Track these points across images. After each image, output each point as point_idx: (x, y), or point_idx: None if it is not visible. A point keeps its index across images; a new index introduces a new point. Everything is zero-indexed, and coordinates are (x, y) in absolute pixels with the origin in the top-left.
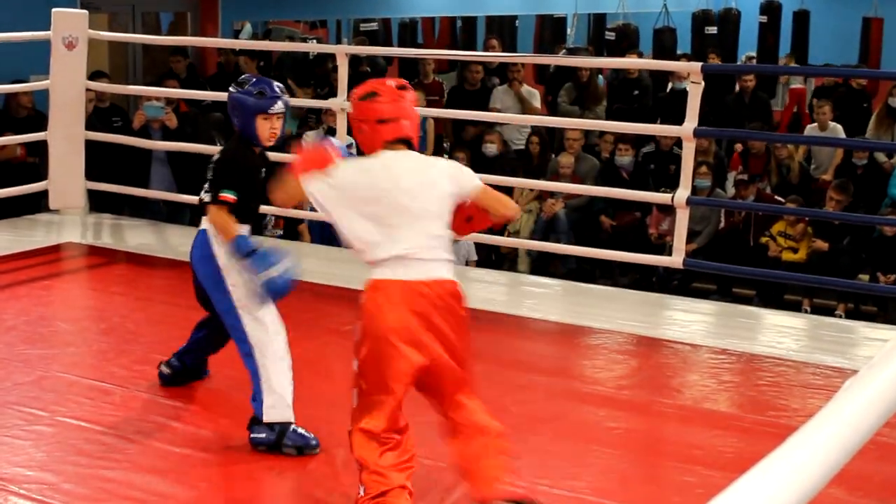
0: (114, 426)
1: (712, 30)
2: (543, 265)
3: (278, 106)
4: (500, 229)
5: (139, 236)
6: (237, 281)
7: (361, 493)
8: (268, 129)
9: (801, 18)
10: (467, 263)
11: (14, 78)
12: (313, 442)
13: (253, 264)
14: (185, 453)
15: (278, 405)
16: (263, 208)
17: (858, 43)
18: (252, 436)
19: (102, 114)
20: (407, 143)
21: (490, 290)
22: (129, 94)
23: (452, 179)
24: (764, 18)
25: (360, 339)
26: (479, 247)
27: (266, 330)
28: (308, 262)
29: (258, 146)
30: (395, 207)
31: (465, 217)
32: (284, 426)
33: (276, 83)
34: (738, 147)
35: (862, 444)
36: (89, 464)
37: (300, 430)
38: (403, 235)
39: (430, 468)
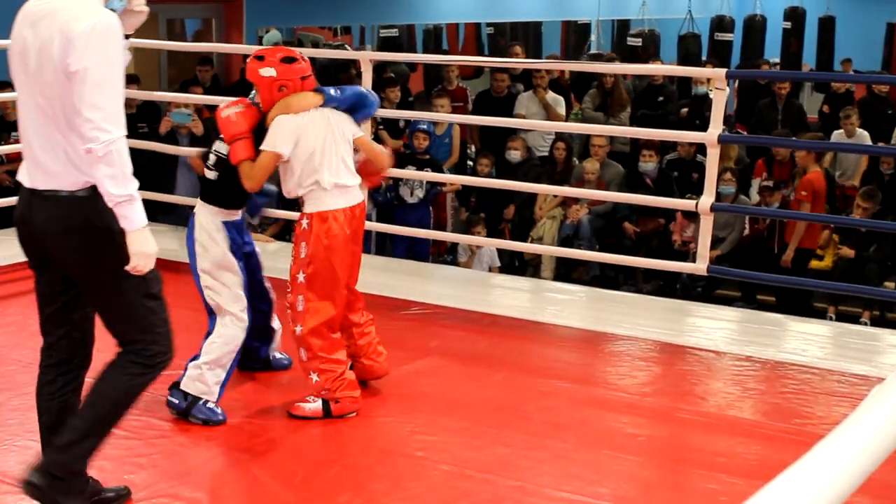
0: (137, 430)
1: (726, 36)
2: (567, 272)
3: None
4: (522, 236)
5: (165, 241)
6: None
7: (315, 379)
8: None
9: (827, 24)
10: (490, 270)
11: None
12: (220, 417)
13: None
14: (205, 456)
15: (202, 380)
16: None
17: (882, 48)
18: (168, 398)
19: (129, 119)
20: None
21: (513, 297)
22: (154, 99)
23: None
24: (788, 24)
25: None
26: (503, 253)
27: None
28: None
29: None
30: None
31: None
32: (196, 399)
33: None
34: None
35: (888, 452)
36: (113, 468)
37: (210, 405)
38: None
39: (452, 475)
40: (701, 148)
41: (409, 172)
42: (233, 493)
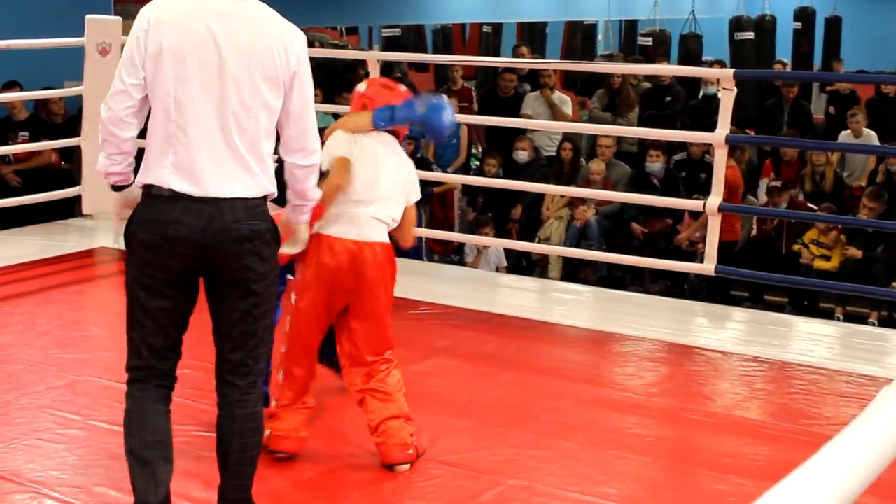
0: None
1: (744, 35)
2: (574, 272)
3: None
4: (530, 236)
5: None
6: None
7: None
8: None
9: (834, 24)
10: (497, 270)
11: (46, 84)
12: None
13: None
14: (214, 456)
15: None
16: None
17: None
18: None
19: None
20: None
21: (521, 297)
22: None
23: None
24: (798, 25)
25: None
26: (510, 253)
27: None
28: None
29: None
30: None
31: None
32: None
33: None
34: (785, 153)
35: None
36: (122, 467)
37: None
38: None
39: (459, 474)
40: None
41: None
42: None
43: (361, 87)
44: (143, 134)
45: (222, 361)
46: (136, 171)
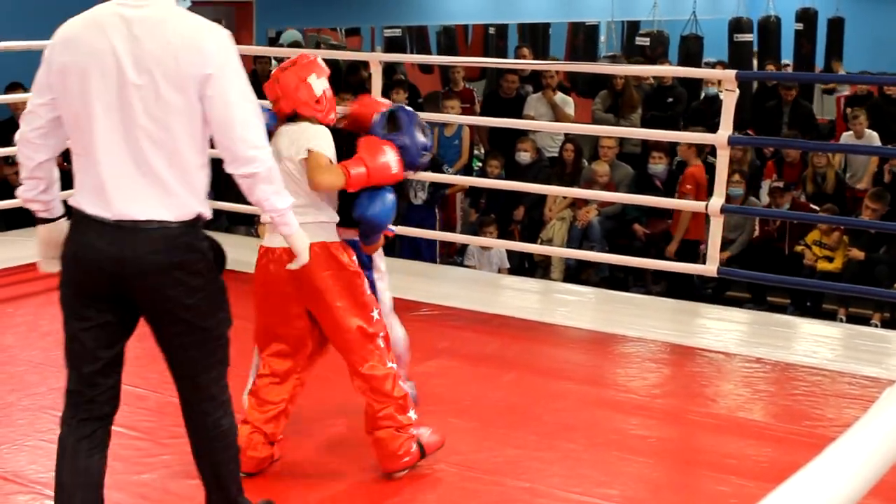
0: (149, 431)
1: (745, 37)
2: (576, 273)
3: None
4: (532, 237)
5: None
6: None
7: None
8: None
9: (836, 25)
10: (499, 271)
11: None
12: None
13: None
14: None
15: None
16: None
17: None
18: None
19: None
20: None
21: (523, 298)
22: None
23: None
24: (800, 26)
25: None
26: (512, 254)
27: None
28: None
29: None
30: None
31: None
32: None
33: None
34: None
35: None
36: (124, 468)
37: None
38: None
39: (461, 476)
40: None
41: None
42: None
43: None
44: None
45: (182, 396)
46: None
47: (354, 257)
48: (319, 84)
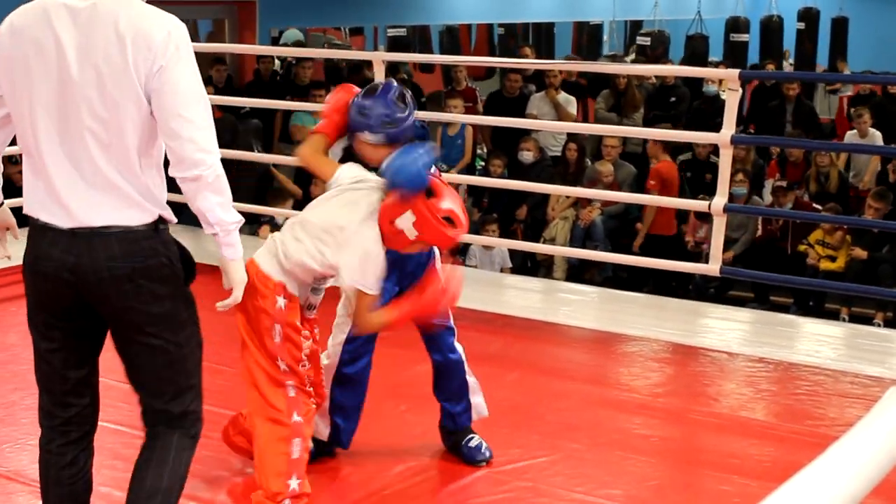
0: None
1: (741, 37)
2: (579, 272)
3: None
4: (535, 237)
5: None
6: None
7: None
8: None
9: (840, 25)
10: (502, 270)
11: None
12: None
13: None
14: (221, 458)
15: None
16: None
17: None
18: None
19: None
20: None
21: (526, 298)
22: None
23: None
24: (802, 25)
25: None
26: (515, 254)
27: None
28: None
29: None
30: None
31: None
32: None
33: None
34: (790, 154)
35: None
36: (126, 468)
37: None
38: None
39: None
40: (715, 149)
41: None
42: (246, 494)
43: None
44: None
45: (142, 408)
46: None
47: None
48: None
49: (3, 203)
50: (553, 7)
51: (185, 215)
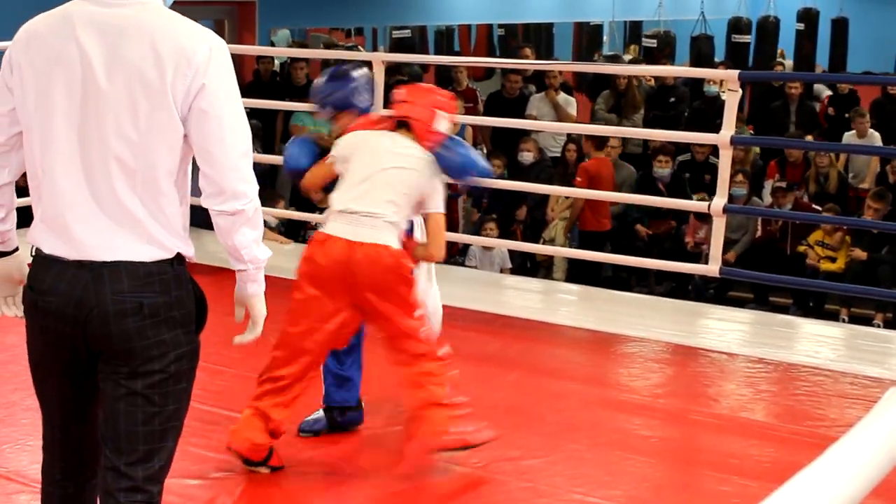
0: None
1: (743, 38)
2: (578, 273)
3: None
4: (535, 237)
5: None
6: None
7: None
8: None
9: (839, 26)
10: (501, 271)
11: None
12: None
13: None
14: (222, 457)
15: None
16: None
17: None
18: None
19: None
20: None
21: (525, 298)
22: None
23: None
24: (801, 26)
25: None
26: (514, 254)
27: None
28: None
29: None
30: None
31: None
32: None
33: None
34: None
35: None
36: None
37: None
38: None
39: (463, 476)
40: (715, 149)
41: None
42: (245, 492)
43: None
44: None
45: (103, 469)
46: None
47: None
48: (444, 124)
49: (17, 249)
50: (553, 7)
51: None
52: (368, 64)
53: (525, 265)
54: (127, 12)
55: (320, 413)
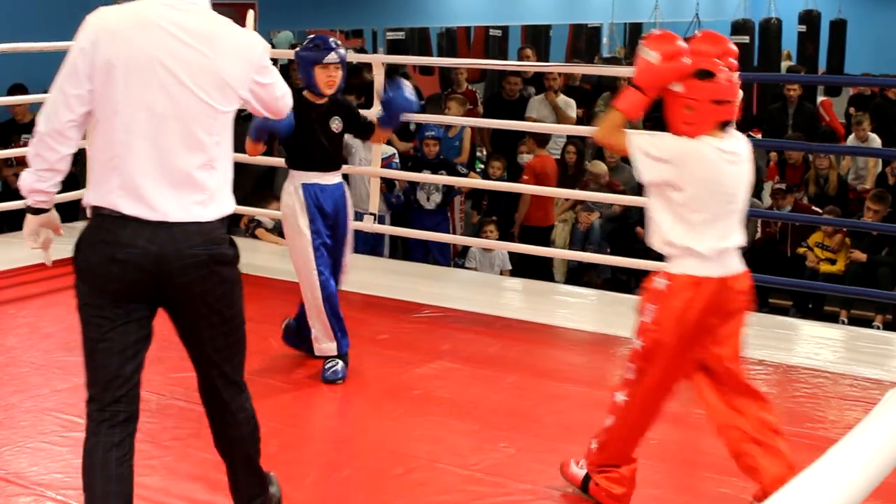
0: (150, 433)
1: (742, 39)
2: (578, 275)
3: (332, 56)
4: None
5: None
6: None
7: (593, 446)
8: (325, 77)
9: (838, 28)
10: (501, 273)
11: (46, 88)
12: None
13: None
14: (218, 459)
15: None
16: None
17: None
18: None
19: None
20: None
21: (525, 300)
22: None
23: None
24: (803, 28)
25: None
26: (514, 256)
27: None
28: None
29: (321, 95)
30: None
31: None
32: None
33: (331, 38)
34: (789, 157)
35: None
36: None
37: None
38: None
39: (463, 477)
40: None
41: (426, 176)
42: None
43: (676, 85)
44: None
45: (206, 385)
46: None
47: None
48: None
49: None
50: (550, 9)
51: None
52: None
53: (525, 267)
54: (193, 17)
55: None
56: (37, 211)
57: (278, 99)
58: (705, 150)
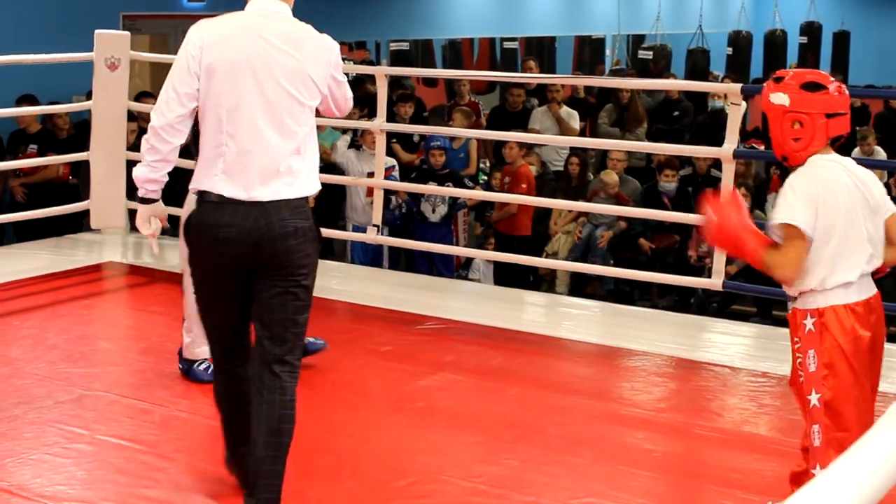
0: (153, 445)
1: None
2: (582, 287)
3: None
4: (538, 251)
5: (179, 256)
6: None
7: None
8: None
9: (841, 39)
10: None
11: (54, 99)
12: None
13: None
14: (225, 472)
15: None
16: None
17: None
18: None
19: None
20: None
21: (528, 312)
22: None
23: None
24: (804, 39)
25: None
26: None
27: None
28: (349, 283)
29: None
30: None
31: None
32: (191, 362)
33: None
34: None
35: None
36: (129, 483)
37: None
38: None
39: (467, 489)
40: (716, 163)
41: (427, 188)
42: None
43: (779, 97)
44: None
45: (263, 352)
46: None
47: None
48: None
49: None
50: (554, 21)
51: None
52: (372, 78)
53: (528, 278)
54: (283, 25)
55: None
56: (148, 201)
57: (348, 99)
58: (839, 175)
